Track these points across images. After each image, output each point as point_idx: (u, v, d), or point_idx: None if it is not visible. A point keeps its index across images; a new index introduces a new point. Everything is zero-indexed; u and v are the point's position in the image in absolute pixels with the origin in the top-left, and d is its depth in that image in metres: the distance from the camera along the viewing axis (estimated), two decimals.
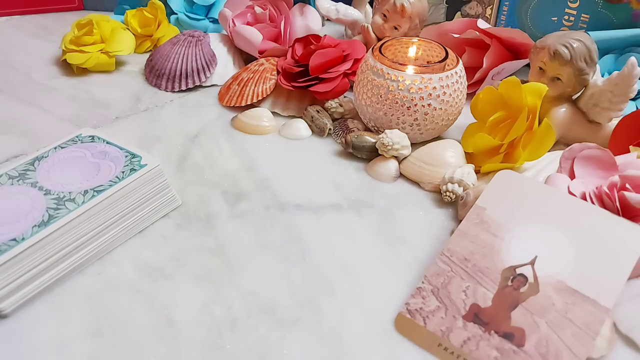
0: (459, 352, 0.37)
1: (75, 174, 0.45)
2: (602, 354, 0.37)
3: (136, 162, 0.46)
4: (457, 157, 0.53)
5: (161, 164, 0.46)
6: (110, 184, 0.44)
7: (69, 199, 0.43)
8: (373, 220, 0.48)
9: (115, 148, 0.48)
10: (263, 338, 0.38)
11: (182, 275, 0.42)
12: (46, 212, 0.41)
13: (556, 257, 0.39)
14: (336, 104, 0.60)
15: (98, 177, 0.45)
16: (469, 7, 0.76)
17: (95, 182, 0.44)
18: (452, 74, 0.53)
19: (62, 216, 0.41)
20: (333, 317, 0.40)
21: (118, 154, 0.47)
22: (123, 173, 0.45)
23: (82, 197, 0.43)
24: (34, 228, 0.40)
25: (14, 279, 0.39)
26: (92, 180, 0.44)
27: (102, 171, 0.45)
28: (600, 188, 0.44)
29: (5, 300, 0.39)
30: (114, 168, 0.45)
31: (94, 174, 0.45)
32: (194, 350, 0.37)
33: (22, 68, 0.72)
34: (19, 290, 0.39)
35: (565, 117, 0.54)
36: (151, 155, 0.47)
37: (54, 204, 0.42)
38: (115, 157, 0.47)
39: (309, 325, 0.39)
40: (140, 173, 0.45)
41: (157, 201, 0.47)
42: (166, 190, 0.47)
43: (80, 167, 0.46)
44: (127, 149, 0.48)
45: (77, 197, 0.43)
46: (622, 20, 0.66)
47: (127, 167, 0.45)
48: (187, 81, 0.67)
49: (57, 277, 0.41)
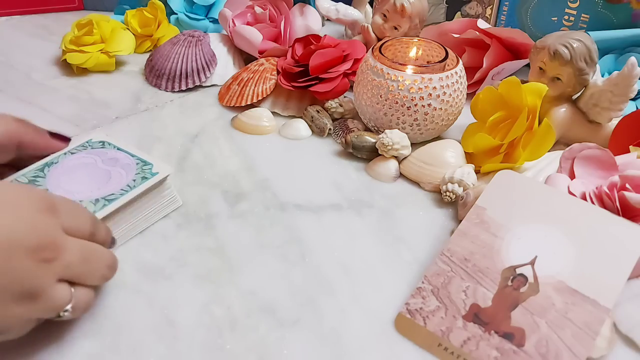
0: (459, 352, 0.37)
1: (86, 181, 0.44)
2: (602, 354, 0.37)
3: (147, 170, 0.45)
4: (457, 157, 0.53)
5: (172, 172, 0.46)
6: (122, 192, 0.43)
7: None
8: (373, 220, 0.48)
9: (126, 155, 0.47)
10: (263, 338, 0.38)
11: (182, 275, 0.42)
12: None
13: (556, 257, 0.39)
14: (336, 104, 0.60)
15: (109, 185, 0.44)
16: (469, 7, 0.76)
17: (106, 190, 0.43)
18: (452, 74, 0.53)
19: None
20: (333, 317, 0.40)
21: (129, 161, 0.46)
22: (134, 181, 0.44)
23: (93, 206, 0.42)
24: None
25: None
26: (103, 189, 0.43)
27: (113, 179, 0.44)
28: (600, 188, 0.44)
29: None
30: (124, 176, 0.45)
31: (105, 182, 0.44)
32: (194, 350, 0.37)
33: (22, 68, 0.72)
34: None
35: (565, 117, 0.54)
36: (162, 162, 0.46)
37: None
38: (127, 165, 0.46)
39: (309, 325, 0.39)
40: (151, 182, 0.44)
41: (159, 203, 0.47)
42: (168, 191, 0.47)
43: (91, 174, 0.45)
44: (138, 155, 0.47)
45: (88, 205, 0.42)
46: (622, 20, 0.66)
47: (139, 175, 0.45)
48: (187, 81, 0.67)
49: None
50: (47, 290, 0.32)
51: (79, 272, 0.34)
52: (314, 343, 0.38)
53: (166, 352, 0.37)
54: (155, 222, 0.47)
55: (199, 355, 0.37)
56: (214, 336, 0.38)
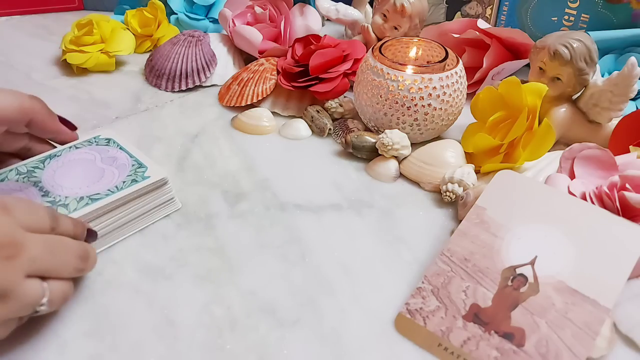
0: (459, 352, 0.37)
1: (79, 177, 0.44)
2: (602, 354, 0.37)
3: (140, 172, 0.45)
4: (457, 157, 0.53)
5: (167, 176, 0.46)
6: (107, 193, 0.43)
7: (63, 204, 0.42)
8: (373, 220, 0.48)
9: (125, 155, 0.47)
10: (263, 338, 0.38)
11: (182, 275, 0.42)
12: None
13: (556, 257, 0.39)
14: (336, 104, 0.60)
15: (99, 184, 0.44)
16: (469, 7, 0.76)
17: (94, 189, 0.43)
18: (452, 74, 0.53)
19: None
20: (333, 317, 0.40)
21: (125, 162, 0.46)
22: (124, 183, 0.44)
23: (75, 203, 0.42)
24: None
25: None
26: (91, 187, 0.43)
27: (104, 178, 0.44)
28: (600, 188, 0.44)
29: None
30: (116, 176, 0.44)
31: (96, 180, 0.44)
32: (194, 350, 0.37)
33: (22, 68, 0.72)
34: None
35: (565, 117, 0.54)
36: (159, 166, 0.46)
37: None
38: (122, 165, 0.46)
39: (309, 325, 0.39)
40: (140, 185, 0.44)
41: (156, 206, 0.46)
42: (167, 195, 0.47)
43: (86, 171, 0.45)
44: (136, 157, 0.47)
45: (71, 203, 0.42)
46: (622, 20, 0.66)
47: (130, 177, 0.44)
48: (187, 81, 0.67)
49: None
50: (17, 287, 0.32)
51: (47, 266, 0.34)
52: (314, 343, 0.38)
53: (166, 352, 0.37)
54: (151, 223, 0.47)
55: (199, 355, 0.37)
56: (214, 336, 0.38)
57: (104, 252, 0.44)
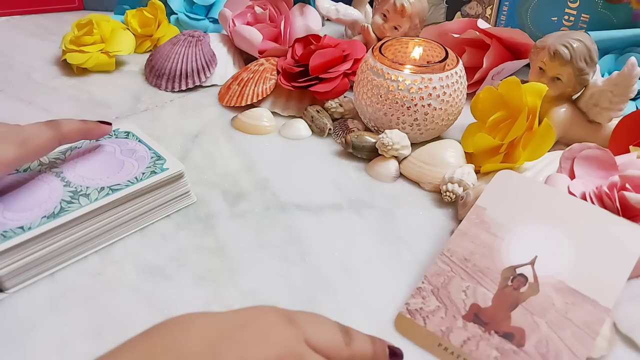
0: (459, 352, 0.37)
1: (99, 168, 0.45)
2: (602, 354, 0.37)
3: (159, 164, 0.46)
4: (457, 157, 0.53)
5: (184, 169, 0.46)
6: (127, 183, 0.44)
7: (84, 193, 0.43)
8: (373, 220, 0.48)
9: (144, 147, 0.48)
10: None
11: (182, 275, 0.42)
12: (59, 204, 0.42)
13: (556, 257, 0.39)
14: (336, 104, 0.60)
15: (119, 174, 0.45)
16: (469, 7, 0.76)
17: (114, 179, 0.44)
18: (452, 74, 0.53)
19: (73, 210, 0.41)
20: (333, 317, 0.39)
21: (145, 154, 0.47)
22: (143, 174, 0.45)
23: (97, 193, 0.43)
24: (43, 219, 0.40)
25: (17, 260, 0.39)
26: (112, 178, 0.44)
27: (124, 169, 0.45)
28: (600, 188, 0.44)
29: (9, 280, 0.40)
30: (136, 167, 0.45)
31: (116, 172, 0.45)
32: None
33: (22, 68, 0.72)
34: (22, 272, 0.40)
35: (565, 117, 0.54)
36: (177, 159, 0.47)
37: (69, 196, 0.42)
38: (141, 157, 0.47)
39: None
40: (159, 177, 0.45)
41: (173, 198, 0.47)
42: (183, 188, 0.47)
43: (105, 162, 0.46)
44: (155, 149, 0.48)
45: (92, 193, 0.43)
46: (622, 20, 0.66)
47: (149, 168, 0.45)
48: (187, 81, 0.67)
49: (61, 266, 0.42)
50: None
51: None
52: None
53: None
54: (168, 214, 0.47)
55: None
56: None
57: (104, 252, 0.44)
